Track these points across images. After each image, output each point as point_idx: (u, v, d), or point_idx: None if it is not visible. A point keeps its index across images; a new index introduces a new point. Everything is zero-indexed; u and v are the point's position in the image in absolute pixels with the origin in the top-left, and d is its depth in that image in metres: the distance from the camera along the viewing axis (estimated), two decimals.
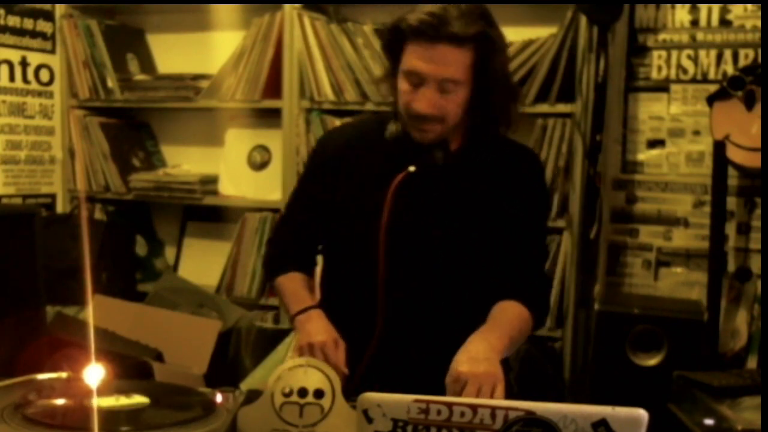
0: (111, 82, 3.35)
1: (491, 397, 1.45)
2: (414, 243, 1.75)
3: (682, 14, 2.81)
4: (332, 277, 1.89)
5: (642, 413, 1.02)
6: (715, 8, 2.77)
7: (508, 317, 1.68)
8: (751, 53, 2.73)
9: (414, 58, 1.65)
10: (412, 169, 1.71)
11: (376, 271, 1.72)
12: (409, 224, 1.74)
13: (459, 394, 1.45)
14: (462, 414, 1.04)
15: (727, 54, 2.76)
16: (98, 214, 3.42)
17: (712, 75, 2.78)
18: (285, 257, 1.92)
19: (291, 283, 1.87)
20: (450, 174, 1.76)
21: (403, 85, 1.70)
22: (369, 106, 2.96)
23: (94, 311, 2.75)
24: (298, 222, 1.91)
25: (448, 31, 1.61)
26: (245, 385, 2.61)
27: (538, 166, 1.91)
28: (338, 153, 1.85)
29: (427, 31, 1.62)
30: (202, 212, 3.42)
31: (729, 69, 2.74)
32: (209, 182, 3.27)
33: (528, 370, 1.67)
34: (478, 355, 1.52)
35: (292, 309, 1.80)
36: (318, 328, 1.71)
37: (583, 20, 2.69)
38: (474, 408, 1.04)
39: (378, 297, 1.72)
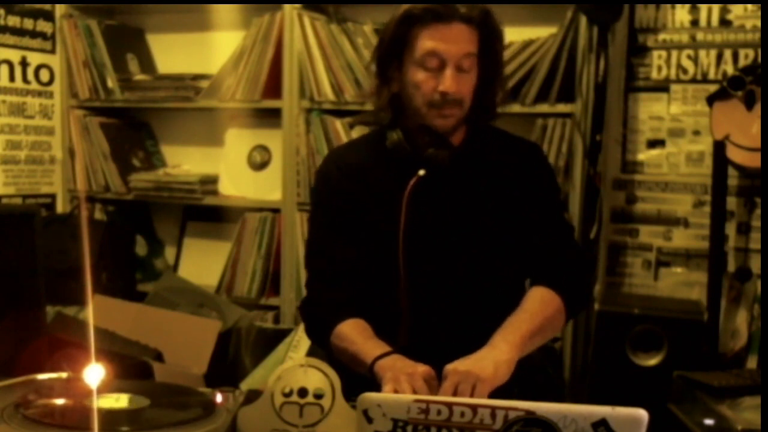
0: (111, 82, 3.35)
1: (472, 396, 1.42)
2: (434, 246, 1.75)
3: (682, 14, 2.81)
4: None
5: (642, 413, 1.02)
6: (715, 8, 2.77)
7: (530, 313, 1.66)
8: (751, 53, 2.73)
9: (432, 41, 1.68)
10: (422, 172, 1.71)
11: (398, 280, 1.71)
12: (427, 228, 1.74)
13: (446, 390, 1.44)
14: (462, 414, 1.04)
15: (727, 54, 2.76)
16: (98, 214, 3.42)
17: (712, 75, 2.78)
18: (338, 302, 1.76)
19: (358, 330, 1.70)
20: (458, 171, 1.77)
21: (418, 74, 1.70)
22: (369, 106, 2.94)
23: (94, 311, 2.75)
24: (337, 256, 1.78)
25: (459, 11, 1.68)
26: (245, 385, 2.61)
27: (538, 150, 1.93)
28: (343, 176, 1.81)
29: (441, 11, 1.67)
30: (202, 212, 3.42)
31: (729, 69, 2.74)
32: (209, 182, 3.27)
33: (528, 370, 1.68)
34: (475, 356, 1.51)
35: (369, 354, 1.60)
36: (412, 363, 1.55)
37: (583, 20, 2.69)
38: (474, 408, 1.04)
39: (401, 306, 1.71)
